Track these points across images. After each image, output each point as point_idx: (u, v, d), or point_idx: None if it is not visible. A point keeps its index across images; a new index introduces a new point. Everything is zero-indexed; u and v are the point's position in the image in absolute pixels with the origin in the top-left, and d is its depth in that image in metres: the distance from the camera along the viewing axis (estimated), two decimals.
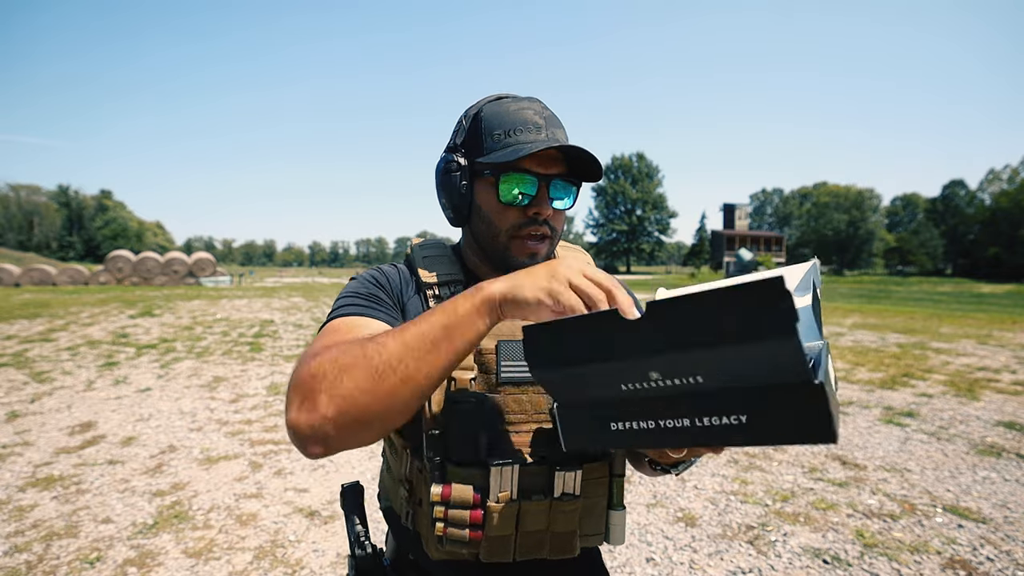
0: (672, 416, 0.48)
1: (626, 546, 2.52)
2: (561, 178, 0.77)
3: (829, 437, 0.42)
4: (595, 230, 72.52)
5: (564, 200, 0.79)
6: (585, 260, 0.90)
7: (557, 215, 0.79)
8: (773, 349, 0.40)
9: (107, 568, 2.29)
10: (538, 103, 0.79)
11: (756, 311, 0.39)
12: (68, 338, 8.46)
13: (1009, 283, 35.98)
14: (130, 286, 24.15)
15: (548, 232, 0.78)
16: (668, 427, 0.49)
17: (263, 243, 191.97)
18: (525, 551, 0.74)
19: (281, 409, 4.69)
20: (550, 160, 0.76)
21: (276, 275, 54.57)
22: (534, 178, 0.75)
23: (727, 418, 0.46)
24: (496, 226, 0.78)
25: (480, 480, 0.71)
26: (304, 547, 2.50)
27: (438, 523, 0.71)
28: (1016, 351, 7.38)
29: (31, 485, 3.10)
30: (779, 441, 0.45)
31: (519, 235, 0.77)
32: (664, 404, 0.49)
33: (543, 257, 0.79)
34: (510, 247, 0.78)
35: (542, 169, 0.75)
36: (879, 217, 72.38)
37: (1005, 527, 2.62)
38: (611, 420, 0.52)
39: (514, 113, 0.76)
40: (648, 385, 0.48)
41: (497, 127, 0.76)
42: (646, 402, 0.50)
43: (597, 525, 0.78)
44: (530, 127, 0.75)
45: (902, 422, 4.29)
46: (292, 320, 11.48)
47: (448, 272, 0.82)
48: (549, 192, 0.76)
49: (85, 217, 74.40)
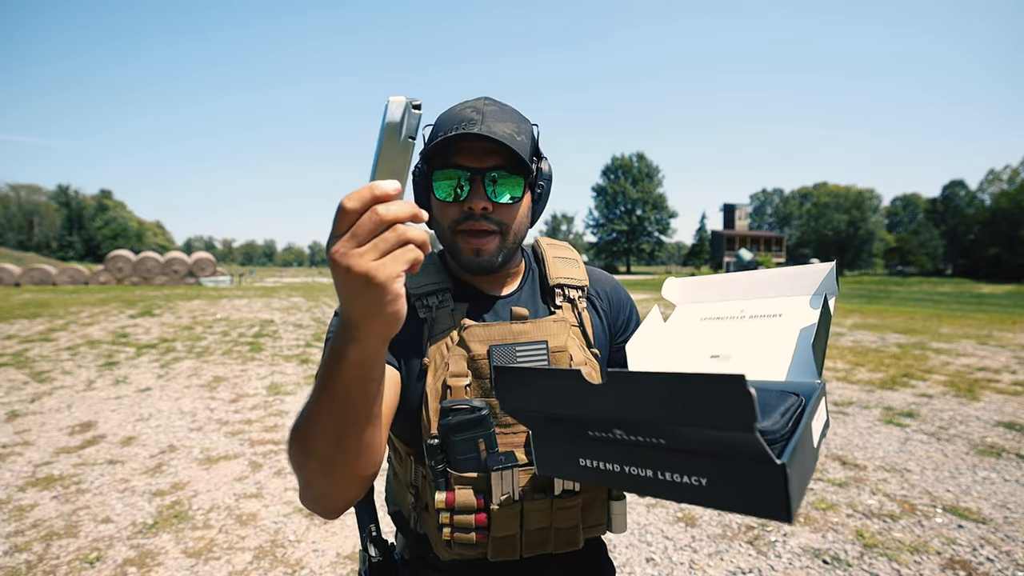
0: (636, 465, 0.49)
1: (626, 546, 2.52)
2: (503, 170, 0.74)
3: (784, 517, 0.42)
4: (595, 230, 72.46)
5: (506, 194, 0.75)
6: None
7: (502, 209, 0.76)
8: (733, 437, 0.40)
9: (107, 568, 2.29)
10: (484, 100, 0.78)
11: (715, 406, 0.39)
12: (68, 338, 8.46)
13: (1009, 283, 35.98)
14: (130, 286, 24.15)
15: (493, 227, 0.76)
16: (631, 473, 0.50)
17: (263, 243, 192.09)
18: (531, 548, 0.75)
19: (281, 409, 4.70)
20: (485, 153, 0.74)
21: (276, 275, 54.59)
22: (465, 172, 0.74)
23: (688, 478, 0.46)
24: (441, 224, 0.78)
25: (482, 484, 0.72)
26: (304, 547, 2.50)
27: (445, 528, 0.72)
28: (1016, 351, 7.38)
29: (31, 485, 3.10)
30: (736, 510, 0.45)
31: (460, 230, 0.76)
32: (628, 453, 0.49)
33: (491, 253, 0.77)
34: (456, 243, 0.77)
35: (474, 163, 0.74)
36: (879, 217, 72.43)
37: (1005, 527, 2.62)
38: (580, 456, 0.54)
39: (455, 113, 0.76)
40: (613, 436, 0.49)
41: (440, 129, 0.76)
42: (612, 447, 0.50)
43: (599, 516, 0.80)
44: (464, 123, 0.73)
45: (902, 422, 4.29)
46: (292, 320, 11.48)
47: (434, 280, 0.81)
48: (485, 185, 0.74)
49: (85, 217, 74.42)
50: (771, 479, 0.42)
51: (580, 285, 0.87)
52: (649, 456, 0.48)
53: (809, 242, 71.41)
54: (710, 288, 0.84)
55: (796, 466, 0.44)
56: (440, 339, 0.77)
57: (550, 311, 0.84)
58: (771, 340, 0.68)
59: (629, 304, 0.93)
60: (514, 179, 0.76)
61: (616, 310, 0.91)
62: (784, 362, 0.64)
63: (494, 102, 0.78)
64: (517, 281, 0.88)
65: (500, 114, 0.75)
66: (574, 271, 0.88)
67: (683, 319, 0.81)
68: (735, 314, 0.76)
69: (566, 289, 0.86)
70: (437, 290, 0.80)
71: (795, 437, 0.47)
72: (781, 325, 0.70)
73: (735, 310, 0.77)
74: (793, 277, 0.76)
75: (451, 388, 0.73)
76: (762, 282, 0.79)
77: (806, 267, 0.75)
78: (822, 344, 0.64)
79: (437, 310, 0.79)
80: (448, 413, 0.71)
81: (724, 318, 0.77)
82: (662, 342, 0.78)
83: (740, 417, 0.38)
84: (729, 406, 0.38)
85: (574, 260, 0.91)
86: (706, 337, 0.74)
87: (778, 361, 0.65)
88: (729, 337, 0.72)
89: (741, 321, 0.74)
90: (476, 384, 0.75)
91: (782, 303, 0.74)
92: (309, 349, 7.81)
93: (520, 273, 0.89)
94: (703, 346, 0.73)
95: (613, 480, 0.51)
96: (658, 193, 69.12)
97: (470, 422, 0.71)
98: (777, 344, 0.67)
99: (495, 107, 0.76)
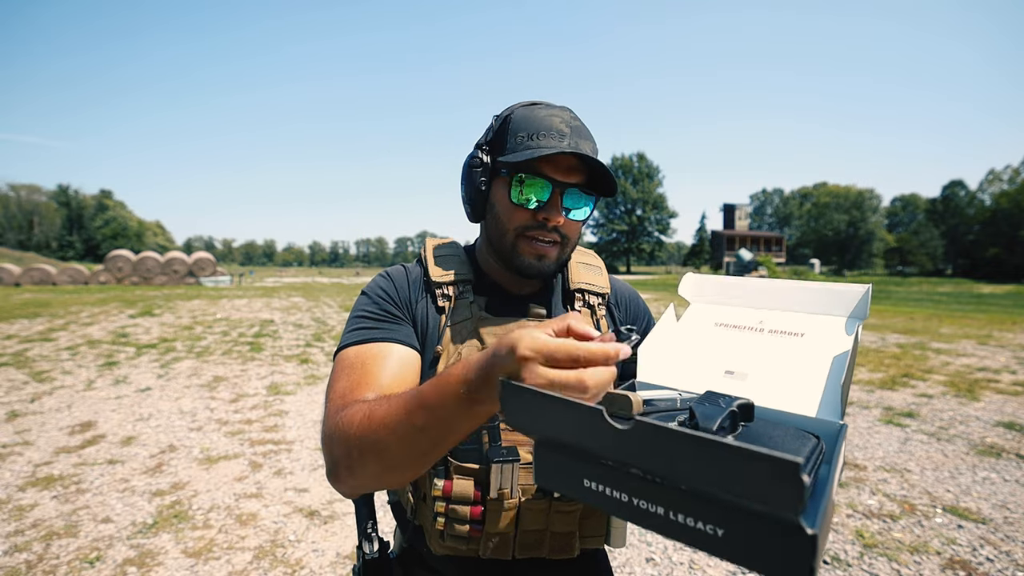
0: (646, 500, 0.45)
1: (626, 546, 2.52)
2: (579, 188, 0.76)
3: None
4: (595, 230, 72.40)
5: (579, 210, 0.78)
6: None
7: (570, 224, 0.78)
8: (769, 512, 0.37)
9: (107, 568, 2.29)
10: (568, 112, 0.79)
11: (760, 483, 0.35)
12: (68, 338, 8.46)
13: (1009, 283, 35.96)
14: (130, 286, 24.14)
15: (558, 239, 0.77)
16: (640, 507, 0.45)
17: (263, 243, 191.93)
18: (524, 549, 0.75)
19: (281, 409, 4.70)
20: (569, 169, 0.75)
21: (276, 275, 54.55)
22: (548, 183, 0.74)
23: (703, 524, 0.42)
24: (505, 225, 0.78)
25: (481, 477, 0.72)
26: (304, 547, 2.50)
27: (439, 518, 0.72)
28: (1016, 351, 7.37)
29: (31, 484, 3.10)
30: (750, 567, 0.41)
31: (527, 235, 0.77)
32: (640, 487, 0.45)
33: (552, 261, 0.78)
34: (517, 245, 0.78)
35: (560, 176, 0.75)
36: (879, 217, 72.32)
37: (1005, 527, 2.62)
38: (585, 476, 0.49)
39: (542, 119, 0.76)
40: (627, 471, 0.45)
41: (522, 129, 0.76)
42: (623, 478, 0.46)
43: (598, 527, 0.79)
44: (554, 133, 0.74)
45: (902, 422, 4.29)
46: (292, 320, 11.48)
47: (458, 271, 0.82)
48: (563, 200, 0.76)
49: (85, 217, 74.40)
50: (799, 547, 0.38)
51: (602, 292, 0.88)
52: (663, 494, 0.43)
53: (809, 242, 71.37)
54: (729, 290, 0.80)
55: (823, 529, 0.40)
56: (455, 328, 0.78)
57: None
58: (791, 362, 0.64)
59: (646, 316, 0.95)
60: (588, 198, 0.78)
61: (632, 320, 0.92)
62: (804, 392, 0.60)
63: (576, 116, 0.79)
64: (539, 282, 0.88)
65: (584, 131, 0.77)
66: (597, 278, 0.89)
67: (697, 322, 0.78)
68: (753, 324, 0.72)
69: (587, 295, 0.87)
70: (459, 280, 0.81)
71: (824, 498, 0.43)
72: (804, 347, 0.66)
73: (754, 320, 0.73)
74: (821, 294, 0.71)
75: None
76: (786, 293, 0.74)
77: (836, 285, 0.71)
78: (849, 380, 0.60)
79: (457, 300, 0.80)
80: None
81: (741, 327, 0.73)
82: (674, 348, 0.74)
83: (786, 501, 0.34)
84: (775, 488, 0.34)
85: (598, 267, 0.92)
86: (721, 348, 0.71)
87: (797, 389, 0.61)
88: (746, 351, 0.69)
89: (759, 334, 0.71)
90: None
91: (806, 320, 0.70)
92: (309, 349, 7.81)
93: None
94: (717, 358, 0.69)
95: (618, 509, 0.47)
96: (658, 193, 69.11)
97: None
98: (798, 368, 0.63)
99: (579, 123, 0.78)
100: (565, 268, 0.89)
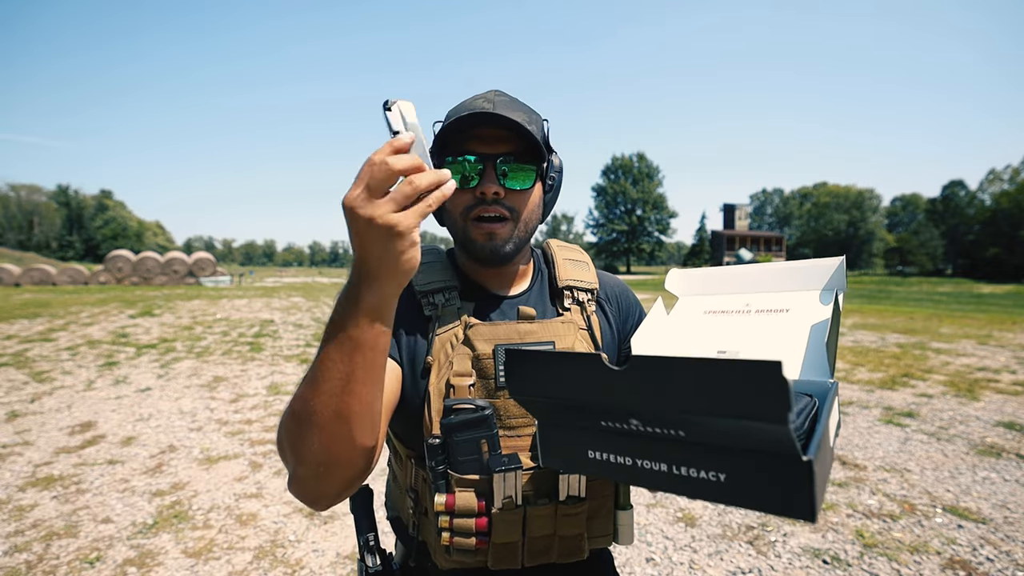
0: (649, 459, 0.47)
1: (626, 546, 2.52)
2: (513, 157, 0.74)
3: (808, 515, 0.40)
4: (595, 230, 72.42)
5: (517, 179, 0.75)
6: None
7: (514, 195, 0.75)
8: (762, 429, 0.38)
9: (107, 568, 2.29)
10: (495, 91, 0.77)
11: (747, 394, 0.36)
12: (68, 338, 8.46)
13: (1009, 283, 35.94)
14: (130, 286, 24.14)
15: (505, 213, 0.75)
16: (644, 468, 0.47)
17: (263, 243, 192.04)
18: (533, 557, 0.73)
19: (281, 409, 4.69)
20: (498, 140, 0.74)
21: (276, 275, 54.56)
22: (474, 157, 0.73)
23: (705, 473, 0.44)
24: (452, 212, 0.77)
25: (483, 487, 0.69)
26: (304, 547, 2.50)
27: (444, 533, 0.69)
28: (1016, 351, 7.37)
29: (31, 485, 3.10)
30: (755, 507, 0.42)
31: (473, 216, 0.75)
32: (642, 446, 0.47)
33: (504, 239, 0.76)
34: (468, 230, 0.76)
35: (486, 149, 0.73)
36: (879, 217, 72.35)
37: (1005, 527, 2.62)
38: (589, 448, 0.51)
39: (466, 104, 0.76)
40: (628, 427, 0.46)
41: (448, 118, 0.76)
42: (625, 439, 0.48)
43: (605, 526, 0.77)
44: (474, 109, 0.73)
45: (902, 422, 4.29)
46: (292, 320, 11.48)
47: (442, 278, 0.79)
48: (496, 171, 0.73)
49: (85, 217, 74.40)
50: (796, 476, 0.40)
51: (590, 288, 0.86)
52: (665, 449, 0.45)
53: (809, 242, 71.34)
54: (713, 280, 0.82)
55: (820, 464, 0.42)
56: (445, 337, 0.76)
57: (558, 313, 0.83)
58: (779, 336, 0.66)
59: (637, 309, 0.93)
60: (525, 167, 0.75)
61: (625, 314, 0.90)
62: (795, 360, 0.63)
63: (504, 93, 0.78)
64: (526, 282, 0.87)
65: (512, 104, 0.75)
66: (584, 274, 0.87)
67: (686, 312, 0.79)
68: (740, 308, 0.75)
69: (575, 291, 0.85)
70: (444, 288, 0.78)
71: (817, 434, 0.45)
72: (789, 321, 0.68)
73: (740, 304, 0.76)
74: (800, 271, 0.74)
75: (455, 387, 0.72)
76: (767, 276, 0.77)
77: (813, 261, 0.73)
78: (834, 342, 0.63)
79: (443, 308, 0.77)
80: (450, 412, 0.70)
81: (729, 312, 0.75)
82: (666, 336, 0.76)
83: (774, 407, 0.35)
84: (762, 394, 0.35)
85: (584, 263, 0.90)
86: (711, 331, 0.73)
87: (788, 358, 0.63)
88: (735, 332, 0.71)
89: (747, 315, 0.73)
90: (480, 384, 0.73)
91: (789, 298, 0.72)
92: (309, 349, 7.81)
93: (529, 274, 0.88)
94: (708, 341, 0.71)
95: (623, 474, 0.49)
96: (658, 193, 69.08)
97: (473, 422, 0.69)
98: (786, 340, 0.65)
99: (506, 98, 0.76)
100: (552, 266, 0.87)
